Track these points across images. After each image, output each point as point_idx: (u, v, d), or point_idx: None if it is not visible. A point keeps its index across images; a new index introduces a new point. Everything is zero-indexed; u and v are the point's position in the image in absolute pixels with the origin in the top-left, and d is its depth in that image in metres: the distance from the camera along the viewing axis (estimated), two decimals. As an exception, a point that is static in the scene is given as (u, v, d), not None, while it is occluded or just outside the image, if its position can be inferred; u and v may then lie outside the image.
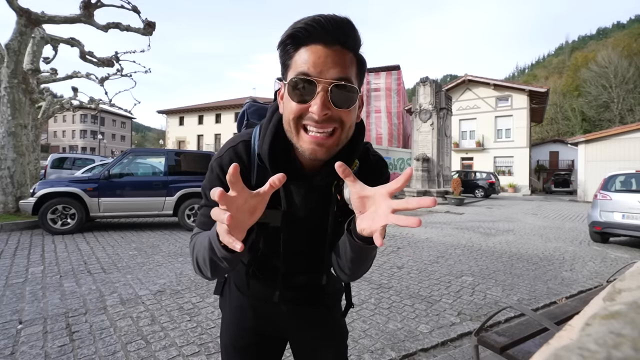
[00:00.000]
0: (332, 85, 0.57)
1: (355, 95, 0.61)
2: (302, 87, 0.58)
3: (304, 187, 0.70)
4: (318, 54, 0.58)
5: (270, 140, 0.67)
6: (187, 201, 6.40)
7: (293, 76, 0.59)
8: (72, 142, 53.19)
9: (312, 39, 0.58)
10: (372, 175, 0.75)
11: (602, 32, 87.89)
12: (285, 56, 0.62)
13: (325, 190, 0.71)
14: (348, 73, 0.59)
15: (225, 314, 0.89)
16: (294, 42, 0.59)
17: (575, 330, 0.27)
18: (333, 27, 0.57)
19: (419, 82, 15.20)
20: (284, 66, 0.63)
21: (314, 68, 0.57)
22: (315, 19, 0.57)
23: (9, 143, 6.78)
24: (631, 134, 16.13)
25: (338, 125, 0.61)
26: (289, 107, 0.61)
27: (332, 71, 0.58)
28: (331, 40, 0.58)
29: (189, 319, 2.55)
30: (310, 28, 0.57)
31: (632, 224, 5.44)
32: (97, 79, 14.53)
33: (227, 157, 0.71)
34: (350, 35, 0.60)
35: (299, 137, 0.62)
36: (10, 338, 2.18)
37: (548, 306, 2.95)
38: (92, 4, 7.18)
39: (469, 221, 8.71)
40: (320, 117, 0.58)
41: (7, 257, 4.10)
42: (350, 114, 0.61)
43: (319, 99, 0.57)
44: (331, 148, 0.62)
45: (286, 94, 0.61)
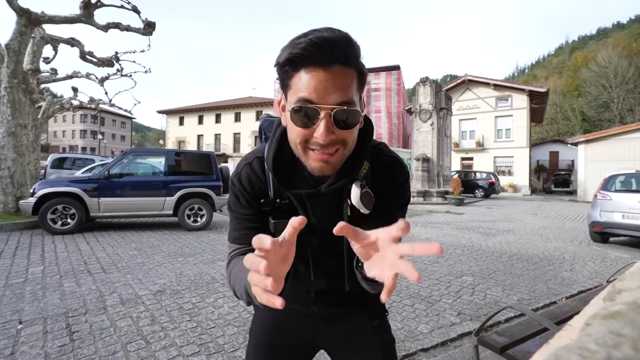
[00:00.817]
0: (334, 110, 0.58)
1: (357, 114, 0.61)
2: (304, 113, 0.58)
3: (314, 195, 0.71)
4: (318, 78, 0.57)
5: (274, 153, 0.69)
6: (187, 201, 6.40)
7: (294, 102, 0.59)
8: (72, 142, 53.20)
9: (310, 62, 0.57)
10: (386, 176, 0.75)
11: (602, 32, 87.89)
12: (283, 76, 0.61)
13: (336, 195, 0.72)
14: (350, 95, 0.59)
15: (259, 311, 0.90)
16: (291, 65, 0.59)
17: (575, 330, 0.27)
18: (330, 48, 0.56)
19: (419, 82, 15.20)
20: (283, 84, 0.63)
21: (315, 94, 0.57)
22: (312, 41, 0.56)
23: (9, 143, 6.78)
24: (631, 134, 16.13)
25: (341, 145, 0.62)
26: (293, 131, 0.62)
27: (333, 96, 0.57)
28: (330, 62, 0.57)
29: (189, 319, 2.55)
30: (307, 53, 0.56)
31: (632, 224, 5.44)
32: (97, 79, 14.53)
33: (245, 174, 0.75)
34: (349, 53, 0.59)
35: (307, 156, 0.64)
36: (10, 338, 2.18)
37: (548, 306, 2.95)
38: (92, 4, 7.18)
39: (469, 221, 8.71)
40: (325, 142, 0.59)
41: (7, 257, 4.10)
42: (352, 133, 0.62)
43: (322, 126, 0.58)
44: (336, 164, 0.64)
45: (289, 119, 0.62)
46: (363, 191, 0.67)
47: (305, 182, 0.70)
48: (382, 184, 0.75)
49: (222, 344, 2.19)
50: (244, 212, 0.74)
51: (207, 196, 6.59)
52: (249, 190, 0.74)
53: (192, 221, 6.41)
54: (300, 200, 0.73)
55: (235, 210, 0.76)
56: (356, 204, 0.67)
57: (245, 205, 0.74)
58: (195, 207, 6.45)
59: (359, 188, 0.68)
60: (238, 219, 0.75)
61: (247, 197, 0.74)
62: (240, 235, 0.75)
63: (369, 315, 0.86)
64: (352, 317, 0.86)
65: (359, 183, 0.69)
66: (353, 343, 0.86)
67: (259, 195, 0.74)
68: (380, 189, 0.74)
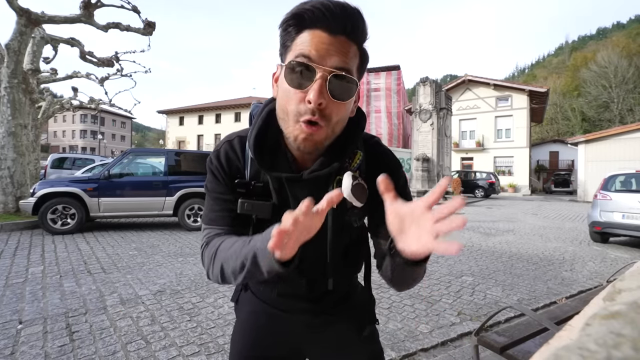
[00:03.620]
0: (331, 74, 0.55)
1: (354, 87, 0.58)
2: (300, 71, 0.55)
3: (295, 181, 0.66)
4: (321, 39, 0.55)
5: (257, 132, 0.65)
6: (187, 201, 6.40)
7: (293, 58, 0.56)
8: (72, 142, 53.19)
9: (317, 23, 0.55)
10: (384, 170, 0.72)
11: (602, 32, 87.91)
12: (286, 36, 0.58)
13: (321, 183, 0.66)
14: (350, 64, 0.57)
15: (240, 319, 0.85)
16: (297, 23, 0.56)
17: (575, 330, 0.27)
18: (341, 14, 0.55)
19: (419, 82, 15.21)
20: (284, 47, 0.60)
21: (315, 52, 0.55)
22: (324, 2, 0.54)
23: (9, 143, 6.78)
24: (631, 134, 16.14)
25: (325, 122, 0.57)
26: (284, 91, 0.58)
27: (333, 59, 0.55)
28: (337, 28, 0.55)
29: (189, 319, 2.55)
30: (317, 11, 0.54)
31: (632, 224, 5.44)
32: (97, 79, 14.53)
33: (223, 151, 0.70)
34: (358, 26, 0.57)
35: (293, 125, 0.59)
36: (10, 338, 2.18)
37: (548, 306, 2.95)
38: (92, 4, 7.18)
39: (469, 221, 8.71)
40: (315, 105, 0.55)
41: (7, 257, 4.10)
42: (343, 107, 0.59)
43: (316, 86, 0.54)
44: (318, 142, 0.59)
45: (282, 77, 0.58)
46: (355, 182, 0.61)
47: (288, 165, 0.65)
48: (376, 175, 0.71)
49: (222, 344, 2.19)
50: (221, 191, 0.69)
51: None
52: (225, 168, 0.69)
53: (192, 221, 6.41)
54: (279, 185, 0.67)
55: (211, 189, 0.70)
56: (347, 196, 0.60)
57: (222, 183, 0.69)
58: (195, 207, 6.45)
59: (351, 179, 0.61)
60: (215, 199, 0.70)
61: (223, 175, 0.69)
62: (217, 217, 0.69)
63: (356, 323, 0.79)
64: (338, 325, 0.79)
65: (351, 174, 0.63)
66: (340, 353, 0.80)
67: (234, 175, 0.69)
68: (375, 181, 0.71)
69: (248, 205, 0.66)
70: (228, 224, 0.69)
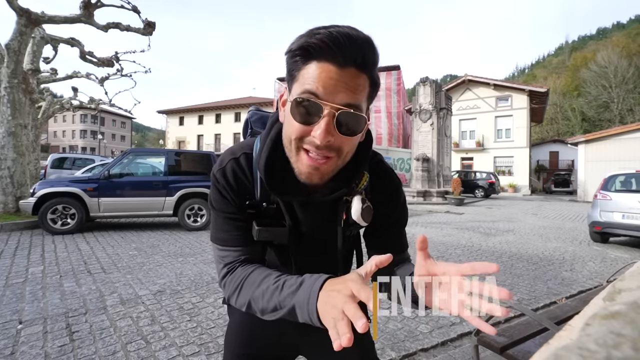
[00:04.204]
0: (339, 111, 0.53)
1: (362, 123, 0.56)
2: (307, 107, 0.54)
3: (307, 203, 0.67)
4: (330, 74, 0.53)
5: (267, 155, 0.64)
6: (187, 201, 6.39)
7: (299, 93, 0.54)
8: (72, 142, 53.20)
9: (325, 56, 0.52)
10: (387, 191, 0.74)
11: (602, 32, 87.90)
12: (292, 66, 0.57)
13: (332, 206, 0.68)
14: (359, 99, 0.55)
15: (234, 320, 0.85)
16: (304, 55, 0.54)
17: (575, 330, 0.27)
18: (351, 47, 0.52)
19: (419, 82, 15.20)
20: (290, 75, 0.58)
21: (323, 89, 0.53)
22: (332, 35, 0.52)
23: (9, 143, 6.78)
24: (631, 134, 16.15)
25: (335, 154, 0.57)
26: (290, 125, 0.57)
27: (341, 95, 0.53)
28: (346, 61, 0.53)
29: (189, 319, 2.55)
30: (324, 45, 0.51)
31: (632, 224, 5.44)
32: (97, 79, 14.53)
33: (230, 169, 0.68)
34: (368, 57, 0.55)
35: (298, 157, 0.59)
36: (10, 338, 2.17)
37: (548, 306, 2.95)
38: (92, 4, 7.18)
39: (469, 221, 8.71)
40: (322, 143, 0.54)
41: (7, 257, 4.10)
42: (351, 141, 0.58)
43: (323, 124, 0.53)
44: (325, 174, 0.60)
45: (289, 111, 0.57)
46: (364, 206, 0.64)
47: (297, 188, 0.64)
48: (382, 198, 0.72)
49: (222, 344, 2.18)
50: (231, 211, 0.68)
51: (207, 196, 6.56)
52: (234, 187, 0.67)
53: (192, 221, 6.41)
54: (289, 207, 0.68)
55: (219, 208, 0.69)
56: (356, 219, 0.63)
57: (230, 203, 0.68)
58: (195, 207, 6.45)
59: (360, 202, 0.64)
60: (225, 219, 0.69)
61: (231, 194, 0.68)
62: (229, 238, 0.69)
63: None
64: None
65: (360, 197, 0.65)
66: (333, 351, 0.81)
67: (244, 195, 0.68)
68: (380, 203, 0.71)
69: (265, 233, 0.67)
70: (242, 245, 0.69)
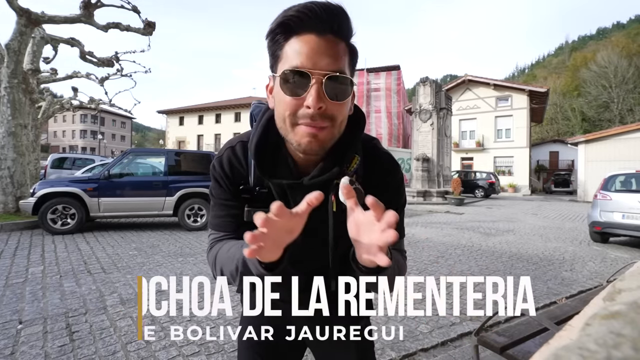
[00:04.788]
0: (326, 77, 0.55)
1: (349, 86, 0.59)
2: (294, 79, 0.56)
3: (298, 187, 0.67)
4: (310, 44, 0.56)
5: (258, 138, 0.66)
6: (187, 201, 6.40)
7: (285, 69, 0.56)
8: (72, 142, 53.20)
9: (304, 27, 0.56)
10: (381, 177, 0.72)
11: (602, 32, 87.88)
12: (274, 46, 0.59)
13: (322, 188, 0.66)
14: (341, 64, 0.57)
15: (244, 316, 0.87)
16: (284, 31, 0.57)
17: (575, 330, 0.27)
18: (326, 15, 0.55)
19: (419, 82, 15.21)
20: (274, 57, 0.60)
21: (307, 60, 0.55)
22: (307, 6, 0.55)
23: (9, 143, 6.78)
24: (631, 134, 16.15)
25: (329, 122, 0.59)
26: (281, 101, 0.59)
27: (325, 62, 0.56)
28: (324, 29, 0.56)
29: (189, 319, 2.55)
30: (302, 16, 0.55)
31: (632, 224, 5.44)
32: (97, 79, 14.53)
33: (226, 158, 0.72)
34: (343, 23, 0.58)
35: (294, 132, 0.60)
36: (10, 338, 2.17)
37: (548, 306, 2.95)
38: (92, 4, 7.18)
39: (469, 221, 8.71)
40: (315, 110, 0.56)
41: (7, 257, 4.10)
42: (343, 107, 0.60)
43: (313, 92, 0.55)
44: (325, 141, 0.60)
45: (277, 88, 0.59)
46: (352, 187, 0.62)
47: (289, 172, 0.66)
48: (376, 182, 0.71)
49: (222, 344, 2.19)
50: (225, 197, 0.72)
51: (207, 196, 6.58)
52: (229, 174, 0.71)
53: (192, 221, 6.41)
54: (281, 191, 0.68)
55: (216, 195, 0.73)
56: (343, 200, 0.61)
57: (225, 190, 0.72)
58: (195, 207, 6.45)
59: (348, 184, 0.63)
60: (219, 205, 0.73)
61: (227, 182, 0.71)
62: (221, 222, 0.73)
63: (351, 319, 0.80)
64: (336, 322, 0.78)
65: (347, 178, 0.64)
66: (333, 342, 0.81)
67: (238, 181, 0.71)
68: (374, 187, 0.69)
69: (253, 213, 0.66)
70: (232, 230, 0.72)
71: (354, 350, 0.82)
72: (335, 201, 0.67)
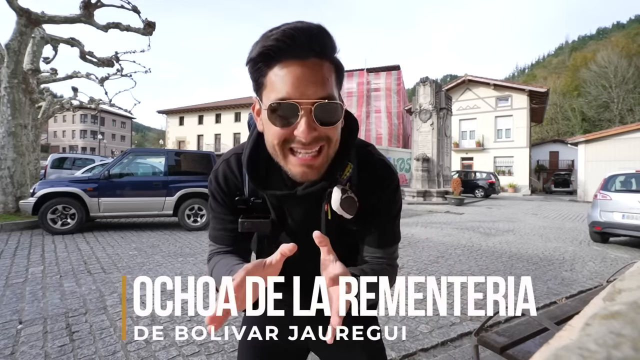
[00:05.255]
0: (315, 105, 0.54)
1: (339, 109, 0.58)
2: (283, 111, 0.55)
3: (292, 197, 0.67)
4: (295, 73, 0.54)
5: (250, 150, 0.67)
6: (187, 201, 6.40)
7: (272, 101, 0.55)
8: (72, 142, 53.19)
9: (285, 55, 0.54)
10: (376, 185, 0.71)
11: (602, 32, 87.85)
12: (257, 74, 0.58)
13: (316, 198, 0.67)
14: (329, 88, 0.56)
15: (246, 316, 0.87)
16: (265, 60, 0.55)
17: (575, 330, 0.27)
18: (307, 39, 0.53)
19: (419, 82, 15.20)
20: (257, 84, 0.59)
21: (293, 90, 0.54)
22: (286, 33, 0.53)
23: (9, 143, 6.78)
24: (631, 134, 16.14)
25: (325, 143, 0.58)
26: (271, 131, 0.58)
27: (312, 90, 0.54)
28: (306, 53, 0.54)
29: (189, 318, 2.55)
30: (282, 45, 0.53)
31: (632, 224, 5.44)
32: (97, 79, 14.53)
33: (221, 171, 0.73)
34: (325, 44, 0.56)
35: (286, 160, 0.60)
36: (10, 338, 2.17)
37: (548, 306, 2.95)
38: (92, 4, 7.18)
39: (469, 221, 8.71)
40: (307, 140, 0.55)
41: (7, 257, 4.10)
42: (336, 129, 0.59)
43: (303, 122, 0.54)
44: (320, 167, 0.60)
45: (266, 118, 0.58)
46: (344, 196, 0.63)
47: (282, 182, 0.66)
48: (370, 190, 0.70)
49: (222, 344, 2.19)
50: (221, 211, 0.73)
51: (207, 196, 6.57)
52: (224, 188, 0.72)
53: (192, 221, 6.41)
54: (275, 201, 0.69)
55: (213, 209, 0.75)
56: (336, 209, 0.63)
57: (221, 204, 0.73)
58: (195, 207, 6.45)
59: (340, 192, 0.63)
60: (216, 218, 0.74)
61: (222, 195, 0.72)
62: (219, 235, 0.75)
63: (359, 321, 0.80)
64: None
65: (340, 187, 0.64)
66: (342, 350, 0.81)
67: (234, 193, 0.71)
68: (368, 195, 0.70)
69: (248, 224, 0.69)
70: (229, 243, 0.75)
71: (360, 351, 0.81)
72: (331, 210, 0.67)
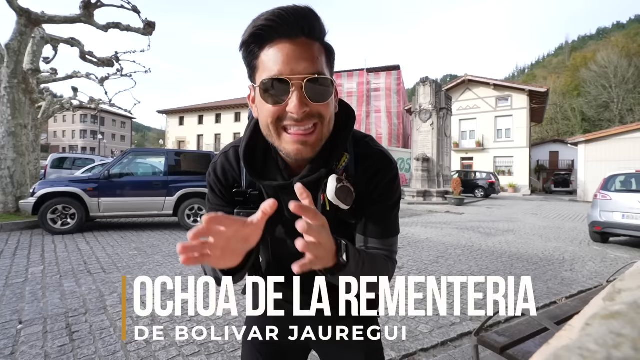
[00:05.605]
0: (305, 80, 0.56)
1: (330, 87, 0.59)
2: (274, 88, 0.56)
3: (288, 188, 0.66)
4: (285, 50, 0.56)
5: (246, 143, 0.67)
6: (187, 201, 6.40)
7: (263, 79, 0.57)
8: (72, 142, 53.19)
9: (275, 35, 0.56)
10: (373, 174, 0.70)
11: (602, 32, 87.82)
12: (250, 57, 0.59)
13: (313, 189, 0.66)
14: (319, 66, 0.58)
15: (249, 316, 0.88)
16: (257, 41, 0.57)
17: (575, 330, 0.27)
18: (296, 18, 0.55)
19: (419, 82, 15.21)
20: (251, 67, 0.61)
21: (284, 66, 0.55)
22: (275, 13, 0.55)
23: (9, 143, 6.78)
24: (631, 134, 16.15)
25: (318, 120, 0.59)
26: (264, 110, 0.59)
27: (302, 66, 0.56)
28: (295, 33, 0.56)
29: (189, 318, 2.55)
30: (272, 24, 0.55)
31: (632, 224, 5.44)
32: (97, 79, 14.53)
33: (220, 163, 0.74)
34: (314, 25, 0.57)
35: (280, 139, 0.60)
36: (10, 338, 2.18)
37: (548, 306, 2.95)
38: (92, 4, 7.18)
39: (469, 221, 8.71)
40: (299, 115, 0.56)
41: (7, 257, 4.10)
42: (328, 106, 0.60)
43: (295, 97, 0.55)
44: (315, 144, 0.60)
45: (259, 98, 0.59)
46: (339, 185, 0.63)
47: (279, 173, 0.67)
48: (367, 179, 0.70)
49: (222, 344, 2.19)
50: (218, 203, 0.74)
51: (206, 196, 6.59)
52: (222, 180, 0.73)
53: (192, 221, 6.41)
54: (272, 193, 0.69)
55: (211, 201, 0.75)
56: (332, 199, 0.63)
57: (219, 196, 0.73)
58: (195, 207, 6.45)
59: (335, 182, 0.63)
60: (213, 210, 0.74)
61: (220, 187, 0.73)
62: None
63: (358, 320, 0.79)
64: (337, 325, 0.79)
65: (335, 177, 0.64)
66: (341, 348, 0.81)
67: (232, 185, 0.72)
68: (365, 185, 0.69)
69: (243, 215, 0.68)
70: None
71: (359, 350, 0.81)
72: (326, 201, 0.66)
